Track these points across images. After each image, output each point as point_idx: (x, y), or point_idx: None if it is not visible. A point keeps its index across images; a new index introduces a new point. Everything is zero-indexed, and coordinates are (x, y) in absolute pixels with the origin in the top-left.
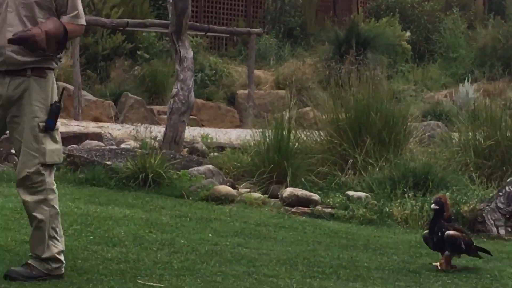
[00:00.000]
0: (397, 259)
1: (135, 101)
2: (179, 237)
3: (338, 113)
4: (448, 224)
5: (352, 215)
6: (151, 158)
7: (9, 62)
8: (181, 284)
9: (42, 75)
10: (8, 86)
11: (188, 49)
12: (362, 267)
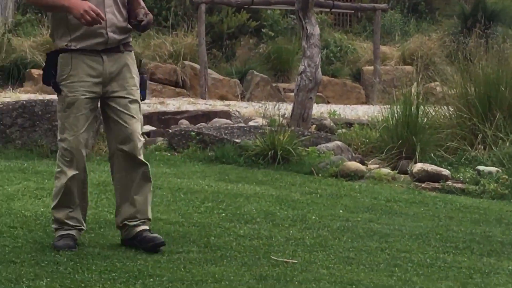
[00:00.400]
0: None
1: (261, 79)
2: (310, 214)
3: (466, 87)
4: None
5: (483, 190)
6: (279, 135)
7: (111, 42)
8: (314, 260)
9: (131, 49)
10: (106, 63)
11: (315, 25)
12: (495, 242)
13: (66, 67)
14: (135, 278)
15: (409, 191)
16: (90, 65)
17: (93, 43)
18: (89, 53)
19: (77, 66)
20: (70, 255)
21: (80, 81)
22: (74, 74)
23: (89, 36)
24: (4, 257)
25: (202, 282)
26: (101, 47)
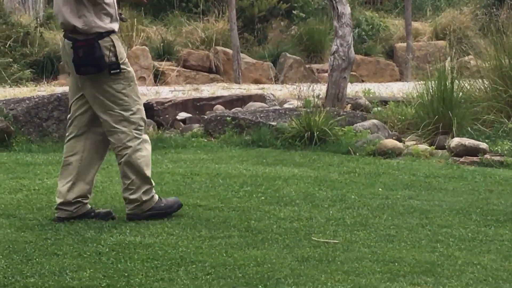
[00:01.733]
0: None
1: (294, 61)
2: (349, 193)
3: (500, 60)
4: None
5: None
6: (315, 116)
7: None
8: (355, 239)
9: None
10: None
11: (346, 4)
12: None
13: (119, 46)
14: (178, 265)
15: (447, 166)
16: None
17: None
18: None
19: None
20: (111, 245)
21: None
22: (123, 52)
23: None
24: (46, 249)
25: (244, 266)
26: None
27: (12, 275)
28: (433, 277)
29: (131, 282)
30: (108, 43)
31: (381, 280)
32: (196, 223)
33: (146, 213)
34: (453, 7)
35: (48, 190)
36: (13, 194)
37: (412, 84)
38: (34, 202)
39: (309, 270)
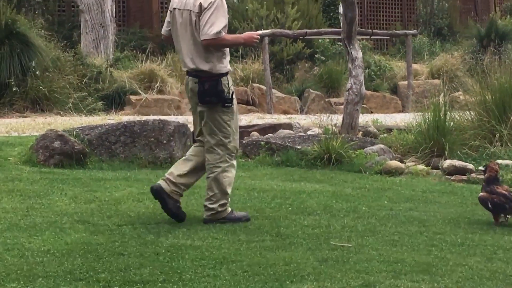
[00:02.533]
0: None
1: (315, 96)
2: (360, 205)
3: (484, 95)
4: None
5: (502, 180)
6: (333, 141)
7: None
8: (365, 243)
9: None
10: None
11: (358, 50)
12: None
13: (231, 86)
14: (221, 264)
15: (441, 183)
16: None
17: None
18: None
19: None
20: (167, 246)
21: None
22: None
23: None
24: (114, 250)
25: (275, 265)
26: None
27: (87, 271)
28: (429, 275)
29: (182, 277)
30: (226, 81)
31: (386, 277)
32: (236, 229)
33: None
34: (446, 52)
35: (116, 201)
36: (87, 204)
37: (412, 115)
38: (105, 211)
39: (328, 269)
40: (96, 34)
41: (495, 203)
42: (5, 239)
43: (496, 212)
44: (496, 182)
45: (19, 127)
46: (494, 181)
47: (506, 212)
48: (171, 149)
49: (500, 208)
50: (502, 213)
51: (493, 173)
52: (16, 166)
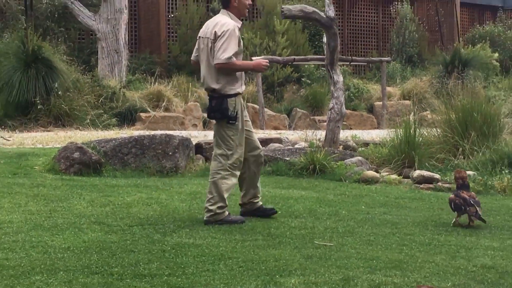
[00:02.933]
0: (500, 218)
1: (302, 114)
2: (341, 209)
3: (449, 115)
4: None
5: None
6: (317, 154)
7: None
8: (345, 243)
9: None
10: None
11: (339, 75)
12: (475, 225)
13: (238, 105)
14: (219, 260)
15: (411, 190)
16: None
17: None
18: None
19: (240, 104)
20: (172, 245)
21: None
22: (240, 110)
23: (243, 82)
24: (126, 247)
25: (266, 261)
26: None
27: (102, 265)
28: (400, 271)
29: (185, 272)
30: (232, 101)
31: (363, 272)
32: (232, 230)
33: (218, 222)
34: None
35: (127, 205)
36: (103, 208)
37: (386, 131)
38: (118, 213)
39: (312, 265)
40: (111, 59)
41: (456, 204)
42: (30, 237)
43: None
44: (465, 188)
45: (43, 140)
46: (462, 187)
47: (462, 213)
48: (176, 159)
49: (459, 209)
50: (460, 213)
51: (459, 181)
52: (40, 174)
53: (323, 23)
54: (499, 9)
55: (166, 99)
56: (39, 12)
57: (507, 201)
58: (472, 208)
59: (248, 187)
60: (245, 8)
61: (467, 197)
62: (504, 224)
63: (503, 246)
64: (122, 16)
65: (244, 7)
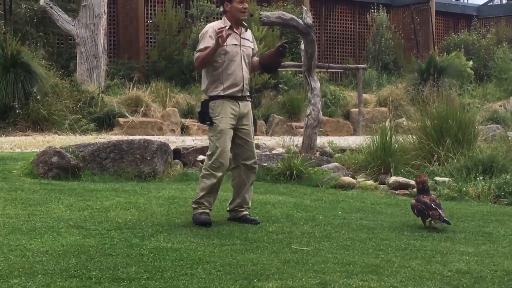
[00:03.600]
0: (474, 224)
1: (279, 120)
2: (318, 214)
3: (425, 122)
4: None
5: (439, 194)
6: (294, 159)
7: (244, 91)
8: (322, 247)
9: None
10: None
11: (317, 81)
12: (449, 231)
13: (219, 108)
14: (197, 264)
15: (387, 196)
16: (231, 107)
17: (234, 91)
18: (231, 99)
19: (223, 107)
20: (150, 249)
21: (226, 117)
22: (225, 113)
23: (232, 86)
24: (104, 251)
25: (244, 265)
26: (239, 94)
27: (80, 269)
28: (377, 275)
29: (164, 276)
30: (213, 104)
31: (340, 277)
32: (210, 234)
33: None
34: (391, 84)
35: (106, 209)
36: (81, 212)
37: (362, 138)
38: (96, 217)
39: (290, 269)
40: (90, 64)
41: (419, 210)
42: (9, 241)
43: (421, 217)
44: (425, 192)
45: (21, 144)
46: (422, 192)
47: (426, 217)
48: (154, 164)
49: (422, 214)
50: (424, 218)
51: (420, 185)
52: (19, 178)
53: (301, 30)
54: (473, 18)
55: (145, 105)
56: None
57: (481, 207)
58: (434, 212)
59: (235, 195)
60: (238, 11)
61: (428, 201)
62: (478, 230)
63: (478, 251)
64: (101, 21)
65: (237, 11)
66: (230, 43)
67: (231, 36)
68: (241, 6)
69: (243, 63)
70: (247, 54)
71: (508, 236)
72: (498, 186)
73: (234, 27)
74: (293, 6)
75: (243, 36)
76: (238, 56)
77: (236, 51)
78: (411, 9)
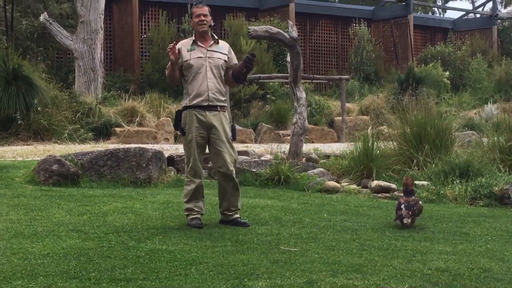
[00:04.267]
0: (452, 225)
1: (267, 128)
2: (304, 217)
3: (404, 129)
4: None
5: (419, 197)
6: (282, 165)
7: (211, 100)
8: (309, 248)
9: (224, 109)
10: (208, 116)
11: (302, 92)
12: (429, 231)
13: (186, 118)
14: (190, 265)
15: (369, 199)
16: (198, 116)
17: (199, 100)
18: (198, 108)
19: (189, 118)
20: (146, 251)
21: (193, 126)
22: (190, 122)
23: (197, 96)
24: (102, 254)
25: (235, 266)
26: (205, 103)
27: (80, 271)
28: (361, 274)
29: (159, 276)
30: (184, 114)
31: (326, 276)
32: (203, 236)
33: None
34: (373, 94)
35: (104, 213)
36: (80, 216)
37: (346, 145)
38: (94, 221)
39: (278, 269)
40: (87, 77)
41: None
42: (11, 244)
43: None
44: (407, 194)
45: (23, 153)
46: (405, 193)
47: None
48: (149, 171)
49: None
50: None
51: (403, 187)
52: (21, 185)
53: (287, 43)
54: (449, 31)
55: (140, 115)
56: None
57: (459, 209)
58: (399, 212)
59: (221, 199)
60: (196, 25)
61: (402, 201)
62: (456, 230)
63: (456, 250)
64: (98, 36)
65: (195, 25)
66: (194, 57)
67: (196, 49)
68: (197, 20)
69: (208, 74)
70: (215, 65)
71: (484, 236)
72: (474, 189)
73: (198, 40)
74: (279, 20)
75: (211, 48)
76: (203, 68)
77: (201, 63)
78: (390, 23)
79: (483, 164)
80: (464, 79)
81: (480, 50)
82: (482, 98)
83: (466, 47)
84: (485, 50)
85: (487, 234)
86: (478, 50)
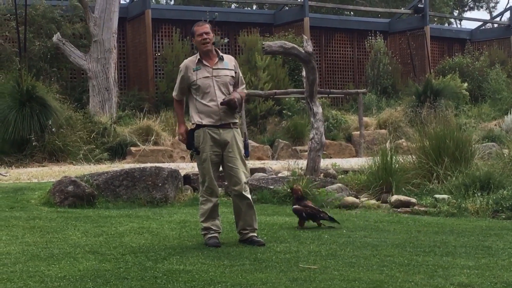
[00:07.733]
0: (474, 239)
1: (284, 144)
2: (323, 234)
3: (423, 142)
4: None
5: (440, 211)
6: (299, 182)
7: (223, 119)
8: (328, 265)
9: (237, 126)
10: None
11: (319, 106)
12: (450, 246)
13: (200, 138)
14: (208, 284)
15: (389, 214)
16: (212, 135)
17: (211, 121)
18: (211, 127)
19: (203, 136)
20: (164, 271)
21: (207, 145)
22: (204, 141)
23: (208, 117)
24: (119, 275)
25: (254, 285)
26: (218, 123)
27: None
28: None
29: None
30: (197, 133)
31: None
32: (221, 256)
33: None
34: (390, 107)
35: (120, 234)
36: (96, 237)
37: (364, 159)
38: (111, 242)
39: (298, 287)
40: (102, 96)
41: (308, 213)
42: (28, 267)
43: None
44: (303, 199)
45: (38, 174)
46: (298, 200)
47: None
48: (166, 190)
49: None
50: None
51: (297, 193)
52: (36, 207)
53: (302, 58)
54: (466, 42)
55: (155, 133)
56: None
57: (480, 222)
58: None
59: (237, 218)
60: (199, 44)
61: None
62: (478, 244)
63: (478, 264)
64: (111, 55)
65: (198, 44)
66: (201, 77)
67: (202, 69)
68: (200, 39)
69: (217, 93)
70: (223, 83)
71: (507, 249)
72: (495, 202)
73: (203, 59)
74: (294, 35)
75: (217, 66)
76: (211, 88)
77: (208, 84)
78: (407, 35)
79: (505, 176)
80: (483, 90)
81: (498, 60)
82: (502, 109)
83: (484, 57)
84: (504, 60)
85: (510, 248)
86: (497, 61)
